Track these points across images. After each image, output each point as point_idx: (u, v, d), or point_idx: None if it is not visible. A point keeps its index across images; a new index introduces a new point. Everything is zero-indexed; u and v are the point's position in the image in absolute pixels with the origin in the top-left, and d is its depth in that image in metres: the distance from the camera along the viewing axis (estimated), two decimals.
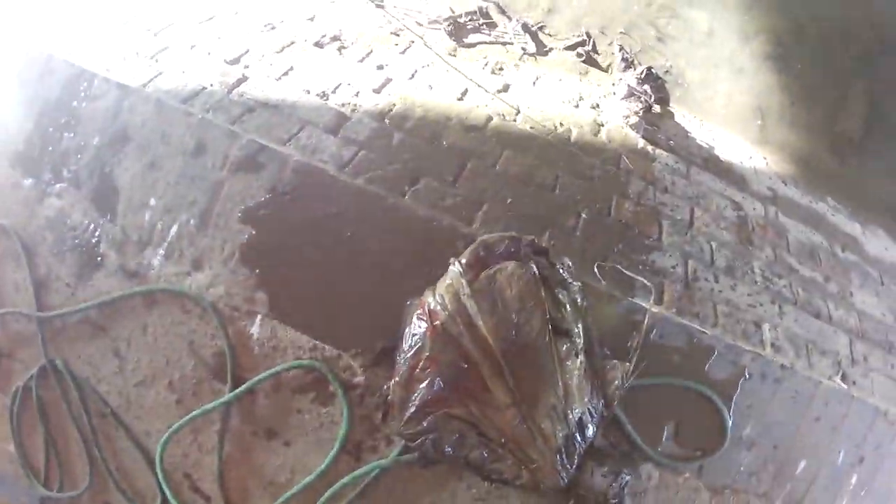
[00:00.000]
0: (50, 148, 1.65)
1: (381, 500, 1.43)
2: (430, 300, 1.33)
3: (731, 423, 1.45)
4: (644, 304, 1.48)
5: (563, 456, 1.29)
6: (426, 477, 1.41)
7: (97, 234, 1.58)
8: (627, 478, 1.38)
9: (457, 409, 1.28)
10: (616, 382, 1.35)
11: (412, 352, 1.31)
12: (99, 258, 1.57)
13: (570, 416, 1.29)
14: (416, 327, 1.33)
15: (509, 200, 1.67)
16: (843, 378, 1.63)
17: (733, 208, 2.05)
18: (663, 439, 1.45)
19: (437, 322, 1.30)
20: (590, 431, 1.31)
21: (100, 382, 1.59)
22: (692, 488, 1.46)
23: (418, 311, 1.35)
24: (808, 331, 1.71)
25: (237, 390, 1.46)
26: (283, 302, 1.48)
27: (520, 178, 1.76)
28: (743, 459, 1.47)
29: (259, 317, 1.48)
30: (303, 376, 1.46)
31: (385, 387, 1.36)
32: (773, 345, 1.59)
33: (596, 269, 1.57)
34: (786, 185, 2.39)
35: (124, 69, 1.75)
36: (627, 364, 1.37)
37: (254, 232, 1.49)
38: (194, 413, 1.48)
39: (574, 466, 1.30)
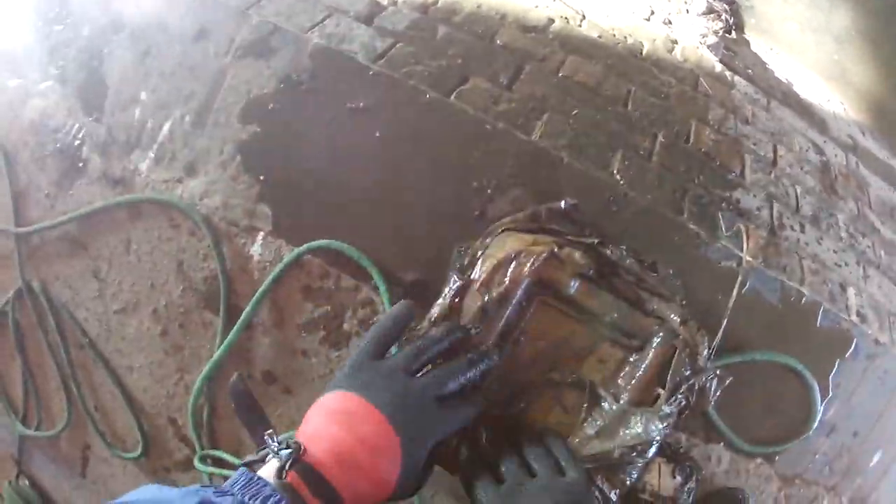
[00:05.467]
0: (38, 44, 1.42)
1: None
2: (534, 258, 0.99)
3: (820, 405, 1.18)
4: (737, 252, 1.17)
5: None
6: None
7: (80, 135, 1.33)
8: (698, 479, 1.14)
9: None
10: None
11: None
12: (81, 163, 1.32)
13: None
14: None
15: (575, 112, 1.34)
16: None
17: (815, 152, 1.70)
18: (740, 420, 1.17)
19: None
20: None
21: (78, 308, 1.34)
22: (763, 476, 1.19)
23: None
24: (891, 301, 1.38)
25: (236, 329, 1.18)
26: (292, 217, 1.19)
27: (587, 87, 1.42)
28: (820, 446, 1.22)
29: (261, 234, 1.20)
30: (311, 311, 1.18)
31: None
32: (858, 313, 1.26)
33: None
34: (864, 135, 2.01)
35: None
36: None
37: (259, 130, 1.21)
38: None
39: None
